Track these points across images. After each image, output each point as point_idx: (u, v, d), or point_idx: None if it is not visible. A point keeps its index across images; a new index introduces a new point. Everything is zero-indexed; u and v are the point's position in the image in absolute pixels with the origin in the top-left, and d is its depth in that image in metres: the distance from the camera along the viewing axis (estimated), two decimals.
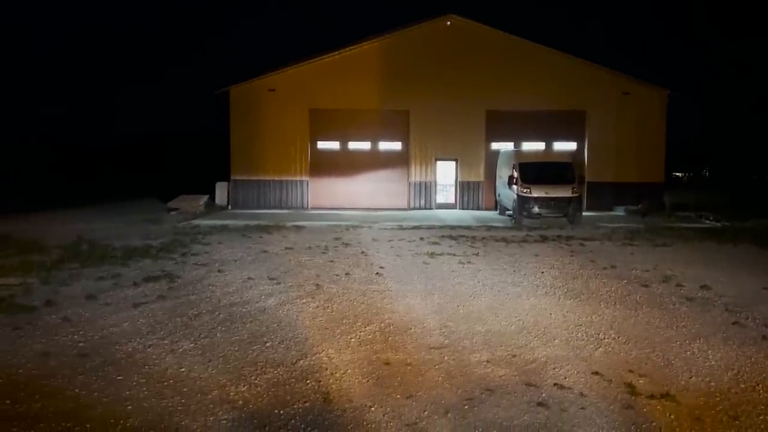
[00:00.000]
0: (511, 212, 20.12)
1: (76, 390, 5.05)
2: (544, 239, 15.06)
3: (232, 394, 5.04)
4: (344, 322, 7.22)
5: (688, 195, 25.63)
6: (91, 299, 8.17)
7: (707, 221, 19.92)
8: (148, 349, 6.13)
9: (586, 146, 24.48)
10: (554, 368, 5.70)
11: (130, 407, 4.73)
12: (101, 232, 15.46)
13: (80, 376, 5.36)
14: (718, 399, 5.03)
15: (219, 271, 10.36)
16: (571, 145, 24.40)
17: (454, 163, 24.65)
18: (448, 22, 24.09)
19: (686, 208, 22.71)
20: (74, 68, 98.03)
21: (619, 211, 23.01)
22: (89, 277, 9.68)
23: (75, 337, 6.50)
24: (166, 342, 6.38)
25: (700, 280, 9.79)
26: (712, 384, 5.36)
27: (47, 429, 4.34)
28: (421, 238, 15.01)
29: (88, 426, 4.40)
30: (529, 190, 18.70)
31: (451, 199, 24.89)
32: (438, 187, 24.81)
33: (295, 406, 4.80)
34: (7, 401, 4.79)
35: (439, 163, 24.63)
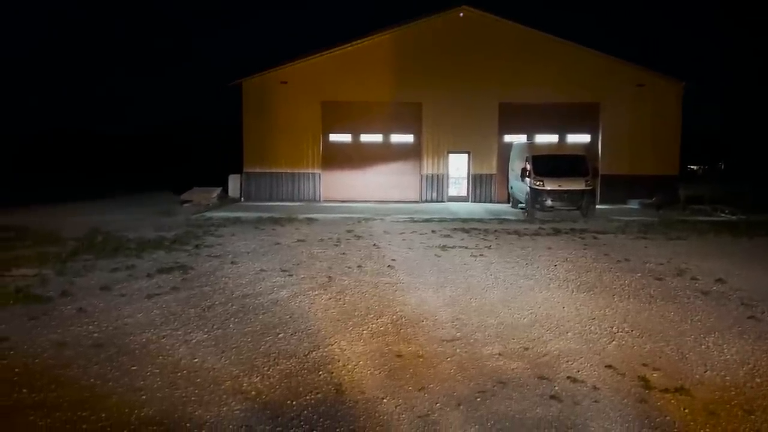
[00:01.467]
0: (523, 205, 20.03)
1: (91, 380, 5.11)
2: (557, 232, 14.98)
3: (245, 385, 5.07)
4: (356, 314, 7.24)
5: (703, 188, 25.34)
6: (106, 290, 8.25)
7: (722, 214, 19.69)
8: (162, 340, 6.18)
9: (599, 138, 24.24)
10: (567, 361, 5.67)
11: (144, 397, 4.78)
12: (115, 224, 15.60)
13: (95, 366, 5.43)
14: (733, 393, 4.98)
15: (232, 262, 10.42)
16: (584, 138, 24.20)
17: (466, 155, 24.53)
18: (461, 14, 23.91)
19: (701, 201, 22.45)
20: (86, 58, 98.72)
21: (633, 204, 22.82)
22: (104, 268, 9.77)
23: (90, 327, 6.57)
24: (179, 333, 6.43)
25: (714, 274, 9.70)
26: (727, 378, 5.31)
27: (63, 418, 4.40)
28: (433, 231, 14.99)
29: (103, 415, 4.45)
30: (542, 183, 18.59)
31: (464, 192, 24.80)
32: (450, 180, 24.73)
33: (307, 398, 4.82)
34: (24, 390, 4.86)
35: (451, 155, 24.52)
